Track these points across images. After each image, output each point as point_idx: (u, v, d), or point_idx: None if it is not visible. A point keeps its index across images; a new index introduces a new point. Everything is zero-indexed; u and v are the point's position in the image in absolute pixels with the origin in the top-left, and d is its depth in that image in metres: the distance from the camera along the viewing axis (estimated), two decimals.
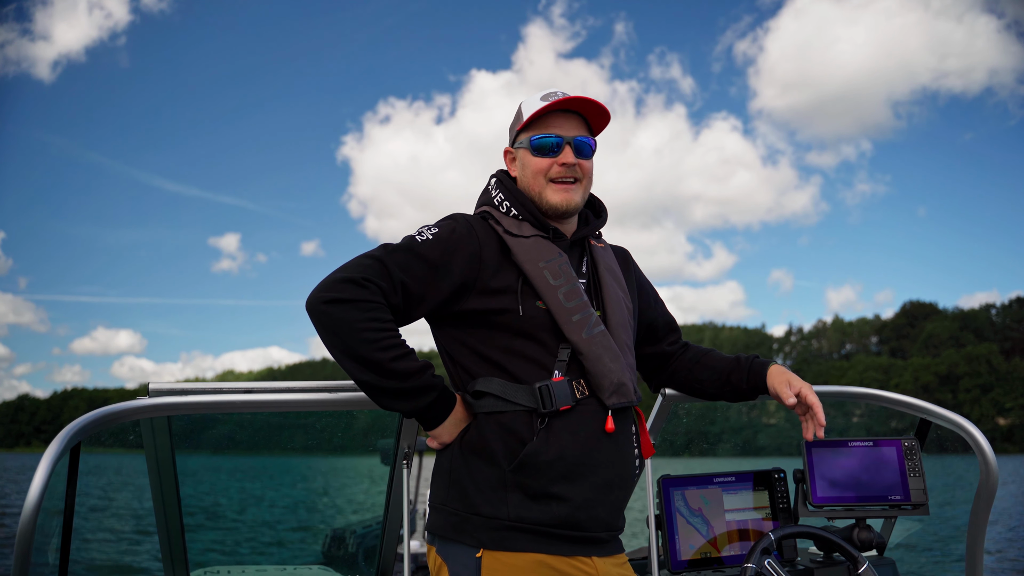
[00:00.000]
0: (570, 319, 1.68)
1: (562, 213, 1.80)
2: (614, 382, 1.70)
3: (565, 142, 1.79)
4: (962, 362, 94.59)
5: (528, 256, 1.73)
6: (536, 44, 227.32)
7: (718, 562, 2.30)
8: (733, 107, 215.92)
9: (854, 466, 2.24)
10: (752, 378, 1.97)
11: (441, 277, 1.67)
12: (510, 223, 1.78)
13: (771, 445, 6.73)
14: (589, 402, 1.70)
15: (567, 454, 1.65)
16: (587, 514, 1.66)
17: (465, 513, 1.66)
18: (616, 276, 1.90)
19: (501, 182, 1.85)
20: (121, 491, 23.46)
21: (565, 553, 1.64)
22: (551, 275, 1.71)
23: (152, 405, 1.85)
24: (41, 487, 1.56)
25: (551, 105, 1.79)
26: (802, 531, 2.11)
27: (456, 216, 1.78)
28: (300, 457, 23.54)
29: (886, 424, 3.40)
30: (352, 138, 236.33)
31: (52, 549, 1.84)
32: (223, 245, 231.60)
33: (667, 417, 2.38)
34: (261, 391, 1.93)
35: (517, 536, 1.63)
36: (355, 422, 2.43)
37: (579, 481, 1.65)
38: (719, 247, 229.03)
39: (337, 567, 2.63)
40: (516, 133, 1.85)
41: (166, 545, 2.31)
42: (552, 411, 1.65)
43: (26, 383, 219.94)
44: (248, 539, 13.75)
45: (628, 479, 1.76)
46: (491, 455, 1.65)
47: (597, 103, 1.80)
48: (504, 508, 1.63)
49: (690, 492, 2.35)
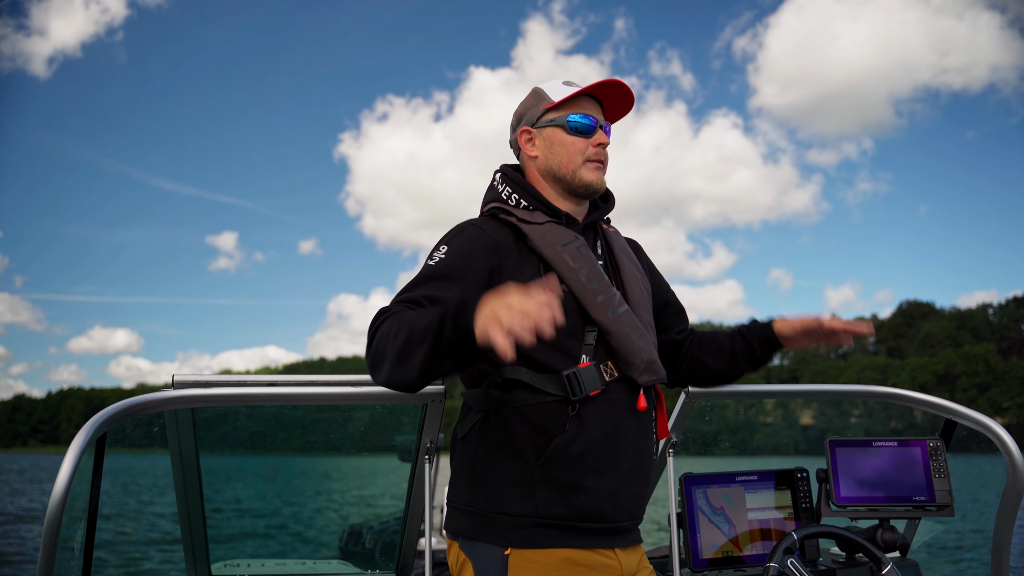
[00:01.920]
0: (594, 300, 1.68)
1: (594, 191, 1.82)
2: (644, 360, 1.69)
3: (599, 124, 1.81)
4: (959, 362, 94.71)
5: (545, 241, 1.72)
6: (536, 41, 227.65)
7: (740, 561, 2.29)
8: (734, 104, 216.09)
9: (878, 466, 2.23)
10: (761, 334, 1.97)
11: (467, 283, 1.65)
12: (522, 213, 1.78)
13: (768, 444, 6.67)
14: (618, 384, 1.69)
15: (596, 444, 1.64)
16: (612, 504, 1.65)
17: (492, 513, 1.64)
18: (631, 257, 1.90)
19: (506, 176, 1.85)
20: (135, 490, 23.52)
21: (590, 546, 1.63)
22: (571, 258, 1.70)
23: (177, 397, 1.85)
24: (68, 478, 1.57)
25: (596, 85, 1.81)
26: (825, 531, 2.10)
27: (461, 224, 1.78)
28: (317, 455, 23.61)
29: (885, 425, 3.39)
30: (349, 136, 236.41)
31: (78, 540, 1.84)
32: (220, 244, 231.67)
33: (690, 414, 2.37)
34: (286, 384, 1.93)
35: (546, 533, 1.61)
36: (373, 419, 2.42)
37: (606, 471, 1.64)
38: (719, 246, 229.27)
39: (355, 562, 2.62)
40: (543, 112, 1.83)
41: (188, 537, 2.33)
42: (582, 398, 1.63)
43: (22, 383, 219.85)
44: (266, 534, 13.86)
45: (650, 464, 1.76)
46: (518, 451, 1.63)
47: (630, 93, 1.83)
48: (532, 505, 1.61)
49: (712, 490, 2.34)
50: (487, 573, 1.62)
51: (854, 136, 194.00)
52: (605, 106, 1.86)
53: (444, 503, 1.91)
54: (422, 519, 2.26)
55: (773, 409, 45.12)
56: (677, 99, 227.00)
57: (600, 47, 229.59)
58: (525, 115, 1.87)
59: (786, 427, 48.93)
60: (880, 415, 3.72)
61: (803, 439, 41.07)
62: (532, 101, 1.86)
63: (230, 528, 13.77)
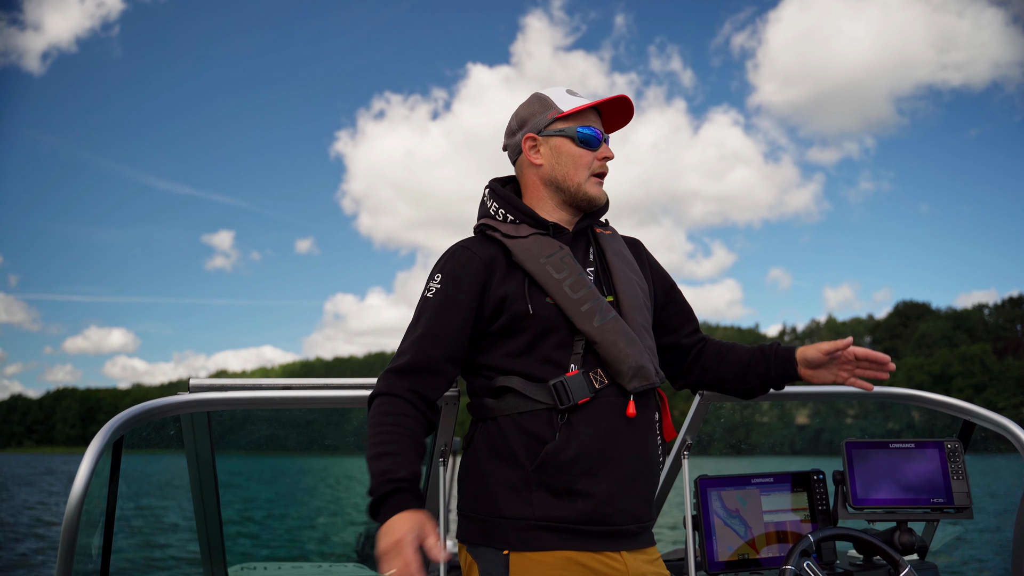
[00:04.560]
0: (579, 310, 1.69)
1: (595, 205, 1.84)
2: (632, 366, 1.69)
3: (604, 138, 1.84)
4: (955, 362, 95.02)
5: (528, 255, 1.74)
6: (535, 37, 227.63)
7: (755, 564, 2.29)
8: (734, 101, 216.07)
9: (895, 468, 2.22)
10: (780, 361, 1.97)
11: (463, 308, 1.71)
12: (508, 228, 1.79)
13: (764, 444, 6.76)
14: (609, 391, 1.70)
15: (589, 449, 1.65)
16: (613, 508, 1.66)
17: (492, 517, 1.67)
18: (626, 260, 1.89)
19: (493, 191, 1.87)
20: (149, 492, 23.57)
21: (593, 548, 1.64)
22: (554, 269, 1.72)
23: (194, 400, 1.87)
24: (85, 481, 1.59)
25: (605, 100, 1.84)
26: (842, 533, 2.10)
27: (452, 248, 1.81)
28: (332, 457, 23.66)
29: (881, 426, 3.39)
30: (345, 133, 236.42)
31: (95, 543, 1.86)
32: (216, 242, 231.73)
33: (704, 417, 2.36)
34: (299, 387, 1.96)
35: (544, 535, 1.63)
36: None
37: (602, 475, 1.65)
38: (719, 245, 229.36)
39: (371, 565, 2.63)
40: (551, 120, 1.83)
41: (204, 540, 2.34)
42: (571, 406, 1.65)
43: (17, 383, 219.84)
44: (283, 537, 13.87)
45: (653, 466, 1.75)
46: (513, 457, 1.66)
47: (631, 109, 1.87)
48: (529, 508, 1.64)
49: (727, 493, 2.33)
50: (490, 574, 1.64)
51: (855, 134, 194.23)
52: (604, 117, 1.89)
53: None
54: (437, 523, 2.26)
55: (769, 409, 45.22)
56: (677, 96, 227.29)
57: (600, 43, 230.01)
58: (530, 121, 1.85)
59: (782, 427, 49.18)
60: (877, 416, 3.70)
61: (799, 439, 41.25)
62: (538, 108, 1.85)
63: (247, 530, 13.84)
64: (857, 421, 37.83)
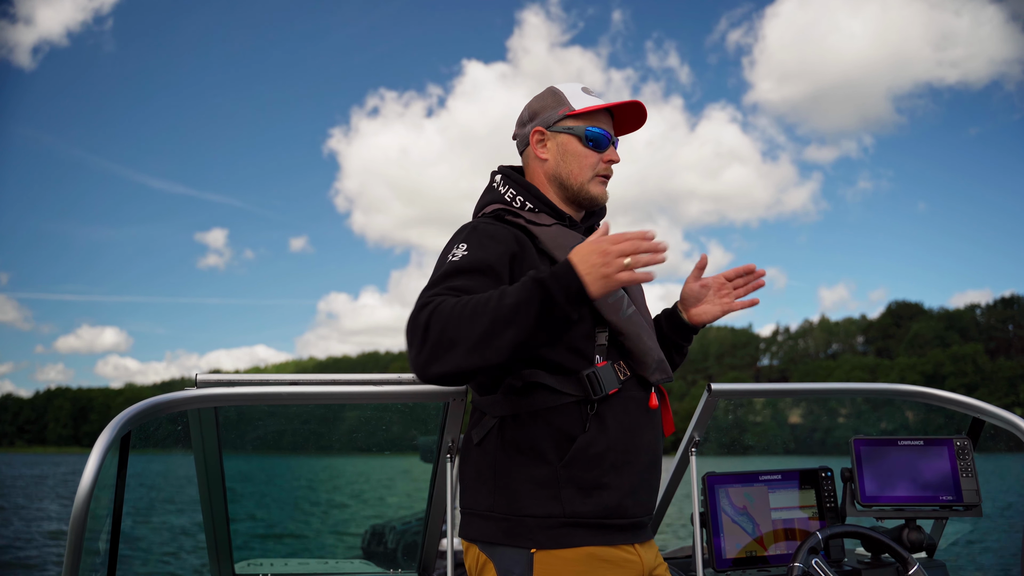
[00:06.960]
0: (606, 300, 1.68)
1: (597, 205, 1.84)
2: (656, 359, 1.72)
3: (612, 140, 1.84)
4: (948, 362, 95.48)
5: (555, 243, 1.72)
6: (532, 33, 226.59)
7: (763, 561, 2.28)
8: (731, 98, 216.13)
9: (904, 465, 2.22)
10: (667, 316, 1.93)
11: (496, 275, 1.61)
12: (528, 215, 1.78)
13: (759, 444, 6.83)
14: (631, 383, 1.72)
15: (616, 442, 1.65)
16: (633, 499, 1.67)
17: (516, 516, 1.63)
18: None
19: (508, 177, 1.83)
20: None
21: (614, 543, 1.65)
22: None
23: (201, 396, 1.86)
24: (92, 477, 1.58)
25: (620, 103, 1.83)
26: (850, 531, 2.09)
27: (473, 222, 1.74)
28: (339, 455, 23.62)
29: (875, 425, 3.39)
30: (339, 131, 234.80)
31: (103, 539, 1.85)
32: (209, 241, 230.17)
33: (712, 414, 2.35)
34: (307, 383, 1.94)
35: (572, 532, 1.61)
36: (394, 418, 2.40)
37: (625, 468, 1.66)
38: (715, 245, 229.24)
39: (377, 562, 2.62)
40: (562, 117, 1.81)
41: (211, 536, 2.33)
42: (602, 397, 1.65)
43: (9, 382, 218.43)
44: (289, 533, 13.87)
45: (660, 459, 1.79)
46: (539, 453, 1.63)
47: (645, 115, 1.86)
48: (558, 505, 1.62)
49: (735, 490, 2.33)
50: (512, 572, 1.62)
51: (854, 133, 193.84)
52: (616, 121, 1.88)
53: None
54: (444, 519, 2.25)
55: (762, 408, 45.51)
56: (675, 93, 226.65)
57: (597, 39, 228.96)
58: (540, 115, 1.84)
59: (776, 426, 49.42)
60: (870, 416, 3.71)
61: (792, 438, 41.40)
62: (551, 102, 1.84)
63: (254, 527, 13.84)
64: (849, 420, 38.06)
